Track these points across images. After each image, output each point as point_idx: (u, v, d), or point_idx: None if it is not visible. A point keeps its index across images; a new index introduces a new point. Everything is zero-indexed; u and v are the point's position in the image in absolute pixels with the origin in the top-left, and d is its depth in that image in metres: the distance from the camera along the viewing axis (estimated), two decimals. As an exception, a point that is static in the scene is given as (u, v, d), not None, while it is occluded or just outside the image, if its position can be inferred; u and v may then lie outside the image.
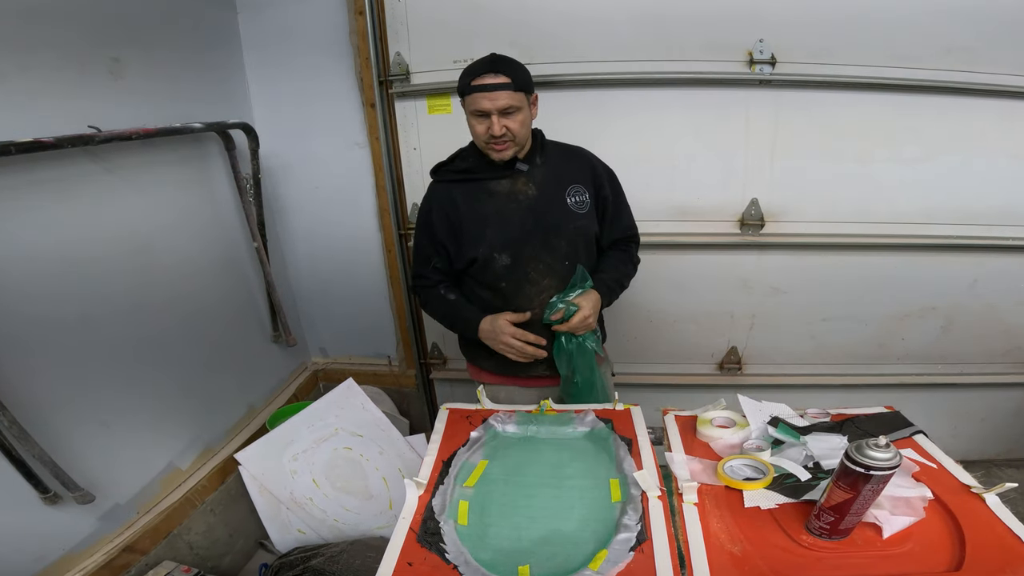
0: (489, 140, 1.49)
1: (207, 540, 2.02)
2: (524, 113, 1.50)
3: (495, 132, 1.46)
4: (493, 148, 1.52)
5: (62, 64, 1.55)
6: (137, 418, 1.84)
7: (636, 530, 1.03)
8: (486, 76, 1.43)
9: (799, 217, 2.27)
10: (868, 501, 0.94)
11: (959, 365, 2.54)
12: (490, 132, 1.47)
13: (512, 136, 1.49)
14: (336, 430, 2.22)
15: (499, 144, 1.51)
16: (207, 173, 2.12)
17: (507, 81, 1.44)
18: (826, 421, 1.35)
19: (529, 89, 1.50)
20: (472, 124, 1.51)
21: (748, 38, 2.01)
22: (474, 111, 1.47)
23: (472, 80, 1.44)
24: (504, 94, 1.44)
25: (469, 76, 1.46)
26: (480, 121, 1.48)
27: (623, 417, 1.41)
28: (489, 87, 1.43)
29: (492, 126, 1.46)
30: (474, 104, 1.46)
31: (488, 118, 1.46)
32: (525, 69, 1.49)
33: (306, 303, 2.79)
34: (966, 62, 1.97)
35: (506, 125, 1.47)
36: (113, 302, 1.73)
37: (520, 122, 1.49)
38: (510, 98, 1.45)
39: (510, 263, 1.61)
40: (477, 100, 1.45)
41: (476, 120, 1.49)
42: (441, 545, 1.04)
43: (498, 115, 1.45)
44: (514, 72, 1.45)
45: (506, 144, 1.51)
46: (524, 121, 1.51)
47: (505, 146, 1.51)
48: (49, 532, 1.58)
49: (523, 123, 1.50)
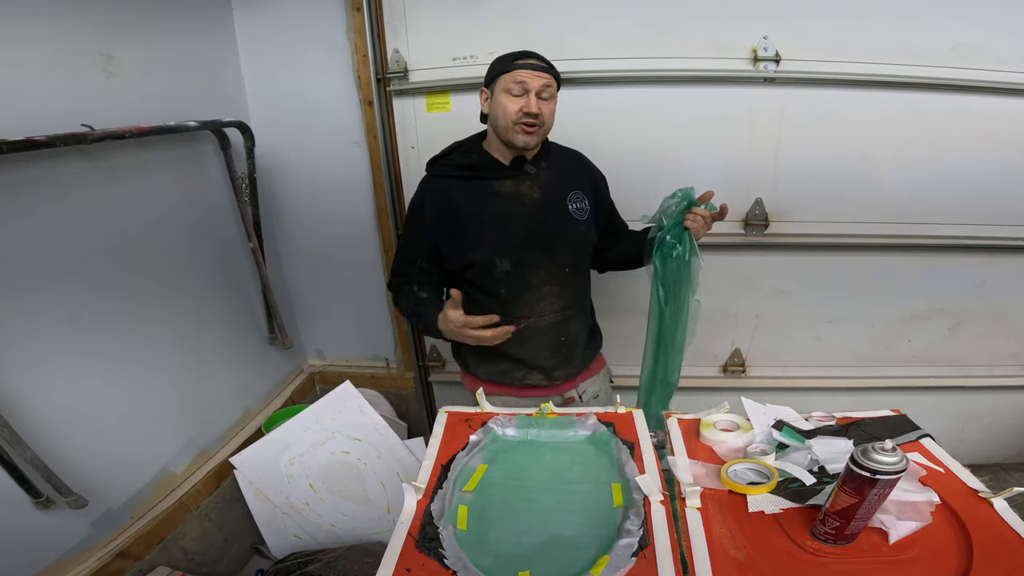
0: (521, 119, 1.47)
1: (202, 545, 2.00)
2: (554, 103, 1.51)
3: (532, 109, 1.45)
4: (523, 128, 1.48)
5: (54, 61, 1.53)
6: (130, 421, 1.82)
7: (638, 535, 1.02)
8: (529, 58, 1.46)
9: (804, 217, 2.24)
10: (874, 506, 0.93)
11: (967, 367, 2.52)
12: (524, 110, 1.45)
13: (542, 121, 1.49)
14: (333, 434, 2.20)
15: (530, 125, 1.48)
16: (202, 172, 2.10)
17: (547, 66, 1.48)
18: (831, 424, 1.34)
19: (559, 83, 1.53)
20: (504, 103, 1.47)
21: (752, 35, 1.99)
22: (513, 85, 1.46)
23: (516, 59, 1.46)
24: (547, 76, 1.47)
25: (509, 57, 1.48)
26: (515, 99, 1.46)
27: (625, 420, 1.39)
28: (533, 66, 1.45)
29: (530, 104, 1.45)
30: (516, 77, 1.45)
31: (526, 96, 1.45)
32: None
33: (303, 304, 2.77)
34: (974, 59, 1.95)
35: (540, 107, 1.47)
36: (106, 303, 1.72)
37: (551, 111, 1.51)
38: (550, 80, 1.48)
39: (510, 268, 1.58)
40: (520, 74, 1.45)
41: (511, 98, 1.47)
42: (440, 551, 1.02)
43: (536, 94, 1.45)
44: (549, 63, 1.51)
45: (535, 127, 1.49)
46: (553, 111, 1.52)
47: (534, 129, 1.49)
48: (42, 537, 1.56)
49: (552, 113, 1.51)
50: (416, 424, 2.87)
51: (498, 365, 1.71)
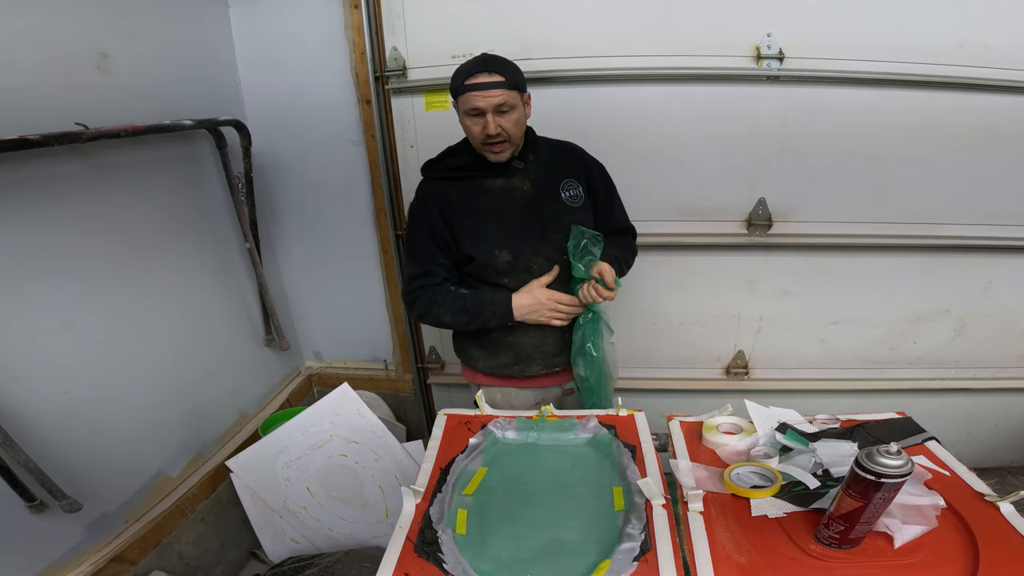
0: (486, 141, 1.48)
1: (198, 550, 1.99)
2: (518, 112, 1.49)
3: (490, 131, 1.45)
4: (490, 150, 1.51)
5: (48, 59, 1.52)
6: (125, 424, 1.81)
7: (640, 539, 1.02)
8: (479, 75, 1.42)
9: (808, 217, 2.23)
10: (879, 510, 0.93)
11: (973, 369, 2.50)
12: (486, 131, 1.45)
13: (507, 136, 1.48)
14: (331, 436, 2.18)
15: (496, 146, 1.50)
16: (198, 172, 2.09)
17: (501, 79, 1.43)
18: (836, 427, 1.34)
19: (522, 88, 1.50)
20: (467, 125, 1.49)
21: (755, 32, 1.97)
22: (468, 110, 1.45)
23: (465, 80, 1.43)
24: (498, 92, 1.43)
25: (462, 76, 1.44)
26: (475, 121, 1.47)
27: (626, 423, 1.40)
28: (483, 85, 1.42)
29: (487, 125, 1.44)
30: (468, 103, 1.44)
31: (483, 117, 1.45)
32: (517, 68, 1.48)
33: (300, 306, 2.76)
34: (980, 57, 1.93)
35: (501, 124, 1.46)
36: (99, 304, 1.70)
37: (514, 121, 1.48)
38: (504, 96, 1.43)
39: (511, 258, 1.60)
40: (471, 99, 1.43)
41: (471, 120, 1.47)
42: (439, 555, 1.02)
43: (493, 113, 1.44)
44: (506, 70, 1.44)
45: (503, 146, 1.51)
46: (518, 120, 1.50)
47: (502, 148, 1.51)
48: (35, 542, 1.55)
49: (517, 122, 1.49)
50: (415, 427, 2.85)
51: (498, 358, 1.72)
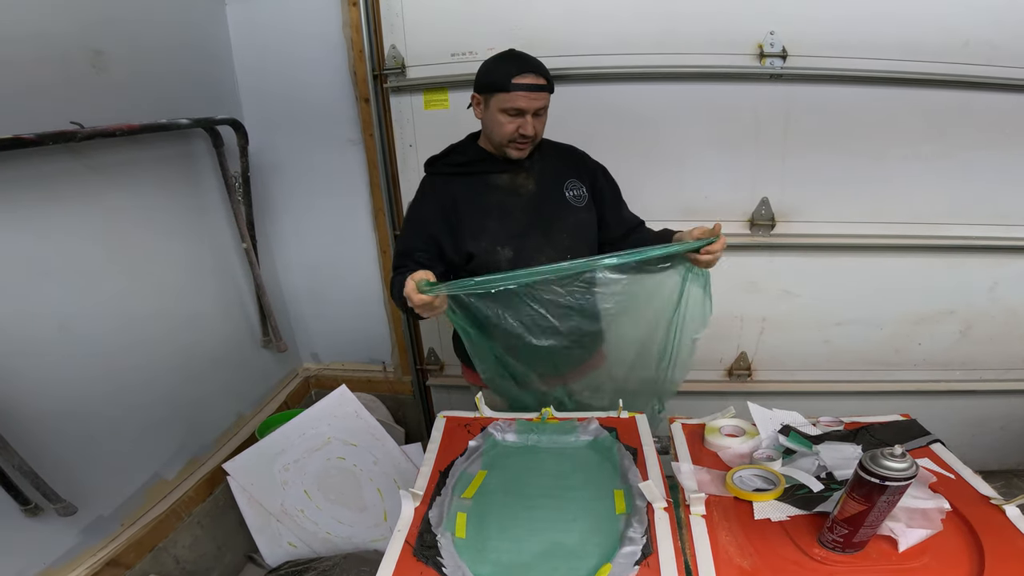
0: (516, 139, 1.50)
1: (194, 553, 1.98)
2: (546, 113, 1.53)
3: (528, 132, 1.48)
4: (516, 147, 1.52)
5: (43, 57, 1.51)
6: (120, 427, 1.79)
7: (641, 543, 1.02)
8: (527, 75, 1.44)
9: (811, 217, 2.22)
10: (883, 513, 0.94)
11: (978, 371, 2.48)
12: (521, 131, 1.47)
13: (535, 137, 1.52)
14: (329, 439, 2.18)
15: (524, 144, 1.52)
16: (194, 171, 2.08)
17: (545, 83, 1.47)
18: (839, 429, 1.35)
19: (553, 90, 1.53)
20: (500, 121, 1.49)
21: (758, 30, 1.96)
22: (509, 108, 1.46)
23: (513, 78, 1.43)
24: (544, 95, 1.47)
25: (507, 73, 1.44)
26: (512, 120, 1.48)
27: (628, 425, 1.40)
28: (532, 87, 1.44)
29: (525, 126, 1.47)
30: (511, 102, 1.45)
31: (522, 117, 1.47)
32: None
33: (297, 307, 2.75)
34: (985, 56, 1.92)
35: (535, 126, 1.49)
36: (95, 306, 1.69)
37: (544, 124, 1.53)
38: (546, 100, 1.48)
39: (513, 256, 1.60)
40: (517, 98, 1.44)
41: (507, 118, 1.48)
42: (438, 559, 1.03)
43: (532, 115, 1.47)
44: (548, 74, 1.48)
45: (528, 144, 1.53)
46: (545, 123, 1.54)
47: (526, 145, 1.53)
48: (30, 545, 1.54)
49: (544, 124, 1.53)
50: (414, 429, 2.84)
51: None
